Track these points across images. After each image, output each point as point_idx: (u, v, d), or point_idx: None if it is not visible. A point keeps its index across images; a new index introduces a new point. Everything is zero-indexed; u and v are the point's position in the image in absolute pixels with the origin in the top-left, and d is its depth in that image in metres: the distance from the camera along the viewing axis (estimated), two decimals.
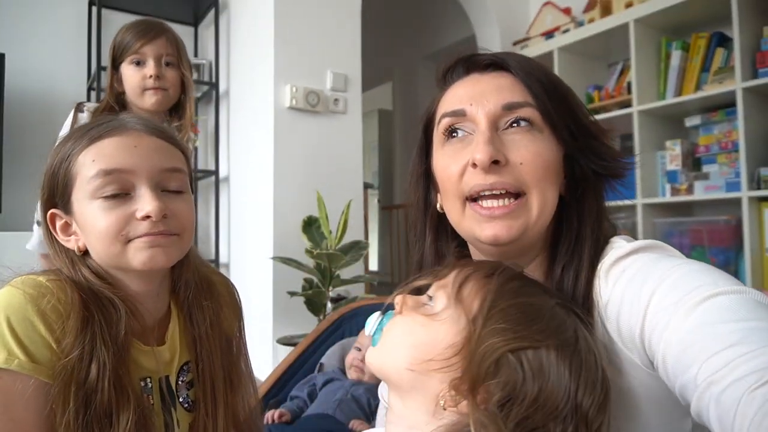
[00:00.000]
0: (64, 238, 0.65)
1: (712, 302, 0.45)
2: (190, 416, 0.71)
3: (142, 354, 0.67)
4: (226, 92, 3.07)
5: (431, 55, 4.46)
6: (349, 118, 2.68)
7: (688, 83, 2.33)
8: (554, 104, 0.58)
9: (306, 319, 2.30)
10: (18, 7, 2.68)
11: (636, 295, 0.50)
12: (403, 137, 4.82)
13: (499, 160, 0.56)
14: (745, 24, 2.09)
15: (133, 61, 1.32)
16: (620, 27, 2.47)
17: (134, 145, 0.63)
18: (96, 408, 0.58)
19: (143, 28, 1.33)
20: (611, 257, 0.56)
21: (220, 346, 0.74)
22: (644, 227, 2.35)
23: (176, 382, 0.71)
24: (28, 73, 2.52)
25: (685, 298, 0.46)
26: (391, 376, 0.50)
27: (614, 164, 0.61)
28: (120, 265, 0.63)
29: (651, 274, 0.50)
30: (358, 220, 2.59)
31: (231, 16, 3.04)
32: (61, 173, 0.64)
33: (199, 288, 0.74)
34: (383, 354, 0.51)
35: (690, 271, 0.49)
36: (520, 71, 0.59)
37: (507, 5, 3.21)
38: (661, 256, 0.53)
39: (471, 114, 0.59)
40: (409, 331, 0.49)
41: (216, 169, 3.06)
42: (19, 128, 2.48)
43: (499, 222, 0.56)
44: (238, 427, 0.75)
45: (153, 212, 0.60)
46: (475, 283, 0.49)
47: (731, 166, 2.17)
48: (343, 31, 2.67)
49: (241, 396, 0.76)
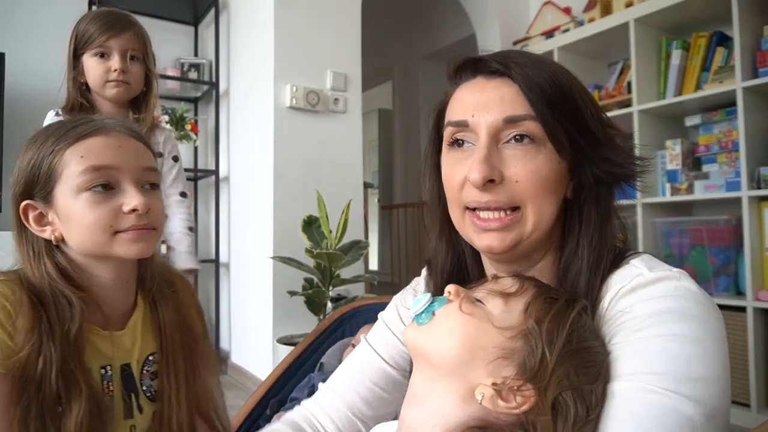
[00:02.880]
0: (38, 228, 0.70)
1: (667, 400, 0.46)
2: (153, 405, 0.76)
3: (101, 340, 0.72)
4: (226, 92, 3.07)
5: (431, 54, 4.46)
6: (349, 118, 2.68)
7: (689, 83, 2.33)
8: (558, 115, 0.58)
9: (306, 318, 2.30)
10: (18, 7, 2.68)
11: (626, 335, 0.52)
12: (403, 137, 4.82)
13: (494, 179, 0.57)
14: (746, 23, 2.08)
15: (97, 54, 1.29)
16: (620, 26, 2.47)
17: (119, 145, 0.70)
18: (45, 400, 0.63)
19: (110, 21, 1.30)
20: (632, 283, 0.55)
21: (183, 337, 0.80)
22: (644, 227, 2.35)
23: (140, 371, 0.76)
24: (28, 73, 2.52)
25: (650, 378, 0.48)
26: (433, 357, 0.52)
27: (622, 171, 0.61)
28: (103, 254, 0.70)
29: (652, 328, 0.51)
30: (358, 219, 2.59)
31: (231, 16, 3.04)
32: (44, 167, 0.69)
33: (163, 281, 0.81)
34: (432, 335, 0.53)
35: (681, 353, 0.48)
36: (522, 81, 0.58)
37: (507, 5, 3.21)
38: (676, 312, 0.51)
39: (473, 125, 0.60)
40: (465, 323, 0.52)
41: (216, 169, 3.06)
42: (19, 128, 2.47)
43: (494, 234, 0.59)
44: (202, 417, 0.80)
45: (139, 206, 0.68)
46: (542, 306, 0.53)
47: (731, 166, 2.17)
48: (343, 31, 2.67)
49: (204, 387, 0.81)
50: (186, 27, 3.21)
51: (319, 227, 2.21)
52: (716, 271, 2.18)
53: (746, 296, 2.02)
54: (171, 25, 3.14)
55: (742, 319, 2.02)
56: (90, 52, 1.29)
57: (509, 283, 0.56)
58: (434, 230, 0.71)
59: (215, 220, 3.05)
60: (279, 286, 2.42)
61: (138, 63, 1.33)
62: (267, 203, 2.50)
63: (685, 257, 2.28)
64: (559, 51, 2.75)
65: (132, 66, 1.32)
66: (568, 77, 0.61)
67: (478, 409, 0.50)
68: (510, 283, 0.56)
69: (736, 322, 2.04)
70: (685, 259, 2.28)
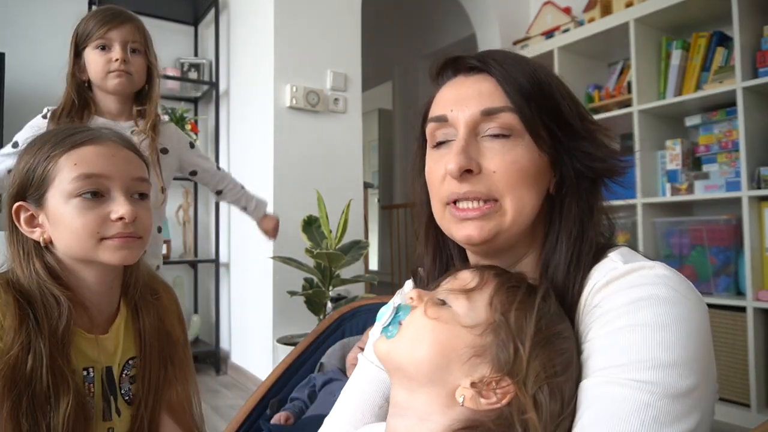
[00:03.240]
0: (28, 229, 0.73)
1: (632, 388, 0.46)
2: (130, 408, 0.79)
3: (86, 342, 0.75)
4: (226, 92, 3.07)
5: (431, 54, 4.46)
6: (349, 118, 2.68)
7: (689, 82, 2.33)
8: (535, 109, 0.58)
9: (306, 318, 2.30)
10: (18, 6, 2.68)
11: (603, 321, 0.52)
12: (403, 136, 4.82)
13: (471, 169, 0.58)
14: (746, 23, 2.08)
15: (98, 46, 1.29)
16: (620, 26, 2.47)
17: (112, 155, 0.73)
18: (36, 394, 0.65)
19: (109, 15, 1.30)
20: (606, 277, 0.54)
21: (162, 344, 0.83)
22: (644, 227, 2.35)
23: (120, 375, 0.79)
24: (28, 73, 2.52)
25: (618, 368, 0.48)
26: (408, 367, 0.52)
27: (602, 165, 0.61)
28: (88, 259, 0.72)
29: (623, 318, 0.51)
30: (358, 219, 2.59)
31: (231, 16, 3.04)
32: (38, 171, 0.71)
33: (146, 288, 0.84)
34: (402, 346, 0.52)
35: (647, 341, 0.48)
36: (500, 75, 0.60)
37: (507, 4, 3.21)
38: (647, 299, 0.51)
39: (452, 120, 0.60)
40: (433, 328, 0.51)
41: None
42: (19, 127, 2.47)
43: (472, 223, 0.59)
44: (178, 423, 0.83)
45: (126, 215, 0.71)
46: (506, 297, 0.53)
47: (731, 166, 2.17)
48: (343, 31, 2.67)
49: (180, 394, 0.84)
50: (186, 27, 3.21)
51: (319, 227, 2.21)
52: (716, 271, 2.18)
53: (746, 296, 2.02)
54: (171, 25, 3.14)
55: (742, 319, 2.02)
56: (91, 45, 1.30)
57: (468, 277, 0.56)
58: (421, 232, 0.71)
59: (215, 220, 3.05)
60: (279, 286, 2.42)
61: (139, 56, 1.33)
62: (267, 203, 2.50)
63: (685, 257, 2.28)
64: (559, 51, 2.75)
65: (133, 58, 1.32)
66: (546, 73, 0.61)
67: (463, 411, 0.50)
68: (469, 278, 0.55)
69: (736, 322, 2.04)
70: (685, 259, 2.28)
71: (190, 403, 0.86)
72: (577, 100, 0.63)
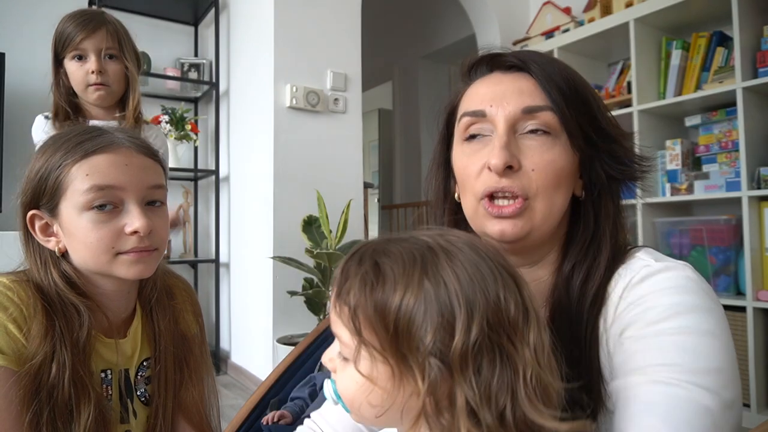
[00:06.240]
0: (44, 238, 0.71)
1: (676, 389, 0.47)
2: (147, 409, 0.78)
3: (104, 346, 0.74)
4: (226, 92, 3.07)
5: (431, 54, 4.45)
6: (349, 118, 2.68)
7: (689, 83, 2.33)
8: (573, 110, 0.59)
9: (306, 318, 2.31)
10: (18, 7, 2.68)
11: (641, 323, 0.53)
12: (403, 137, 4.82)
13: (513, 165, 0.58)
14: (746, 23, 2.08)
15: (75, 56, 1.31)
16: (620, 26, 2.47)
17: (125, 164, 0.70)
18: (58, 404, 0.64)
19: (83, 20, 1.31)
20: (641, 273, 0.56)
21: (176, 347, 0.81)
22: (644, 227, 2.35)
23: (135, 377, 0.78)
24: (28, 73, 2.52)
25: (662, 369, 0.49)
26: (378, 424, 0.49)
27: (631, 168, 0.62)
28: (104, 272, 0.70)
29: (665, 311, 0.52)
30: (358, 219, 2.59)
31: (231, 16, 3.04)
32: (50, 180, 0.69)
33: (162, 290, 0.82)
34: (354, 414, 0.50)
35: (688, 343, 0.49)
36: (541, 75, 0.60)
37: (507, 5, 3.21)
38: (687, 296, 0.53)
39: (491, 115, 0.61)
40: (357, 392, 0.47)
41: (216, 169, 3.06)
42: (19, 128, 2.47)
43: (507, 220, 0.59)
44: (192, 424, 0.82)
45: (141, 228, 0.68)
46: (366, 304, 0.45)
47: (731, 166, 2.17)
48: (343, 31, 2.67)
49: (195, 393, 0.82)
50: (186, 27, 3.21)
51: (319, 227, 2.21)
52: (716, 271, 2.18)
53: (746, 296, 2.02)
54: (171, 25, 3.14)
55: (742, 319, 2.02)
56: (68, 56, 1.32)
57: (335, 312, 0.48)
58: (441, 225, 0.71)
59: (215, 220, 3.05)
60: (279, 286, 2.42)
61: (115, 61, 1.34)
62: (267, 203, 2.50)
63: (685, 257, 2.28)
64: (559, 51, 2.75)
65: (109, 65, 1.32)
66: (579, 76, 0.63)
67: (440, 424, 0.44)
68: (337, 312, 0.48)
69: (736, 322, 2.04)
70: (685, 259, 2.27)
71: (205, 406, 0.84)
72: (605, 104, 0.65)
